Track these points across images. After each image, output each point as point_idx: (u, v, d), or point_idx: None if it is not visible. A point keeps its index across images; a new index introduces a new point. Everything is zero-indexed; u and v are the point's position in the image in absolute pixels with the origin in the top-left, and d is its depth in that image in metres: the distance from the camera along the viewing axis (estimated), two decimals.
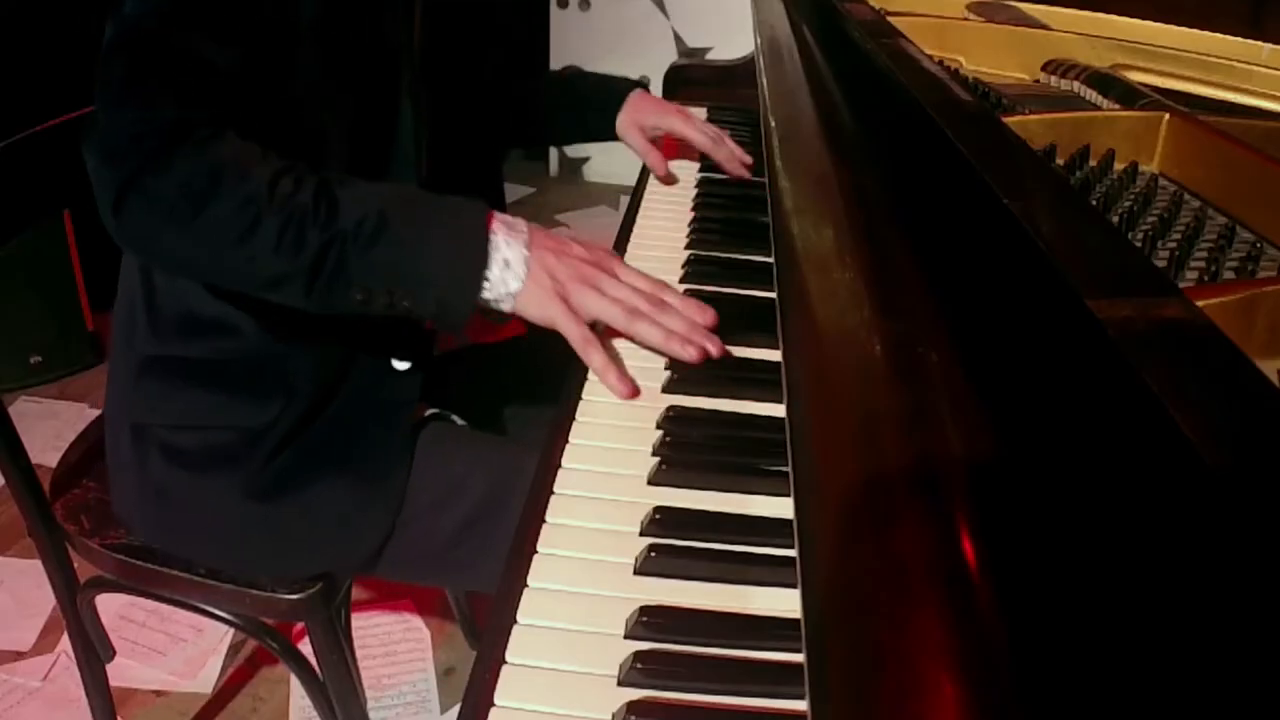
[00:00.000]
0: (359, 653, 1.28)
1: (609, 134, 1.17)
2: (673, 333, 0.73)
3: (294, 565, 0.88)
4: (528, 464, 0.65)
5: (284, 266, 0.70)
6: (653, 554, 0.55)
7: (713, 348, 0.73)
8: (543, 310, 0.73)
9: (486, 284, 0.72)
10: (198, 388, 0.84)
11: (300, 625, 1.25)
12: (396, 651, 1.46)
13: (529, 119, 1.23)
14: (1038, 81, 1.13)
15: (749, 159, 1.11)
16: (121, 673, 1.36)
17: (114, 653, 1.11)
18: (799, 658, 0.39)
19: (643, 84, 1.19)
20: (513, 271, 0.72)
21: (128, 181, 0.68)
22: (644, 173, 1.17)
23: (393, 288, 0.71)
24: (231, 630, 1.41)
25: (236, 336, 0.83)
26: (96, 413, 1.09)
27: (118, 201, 0.69)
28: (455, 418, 0.96)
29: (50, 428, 1.78)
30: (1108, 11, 1.20)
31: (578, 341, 0.72)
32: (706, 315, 0.75)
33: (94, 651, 1.08)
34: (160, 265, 0.82)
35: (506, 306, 0.73)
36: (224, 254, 0.71)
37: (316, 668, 0.95)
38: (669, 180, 1.14)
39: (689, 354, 0.72)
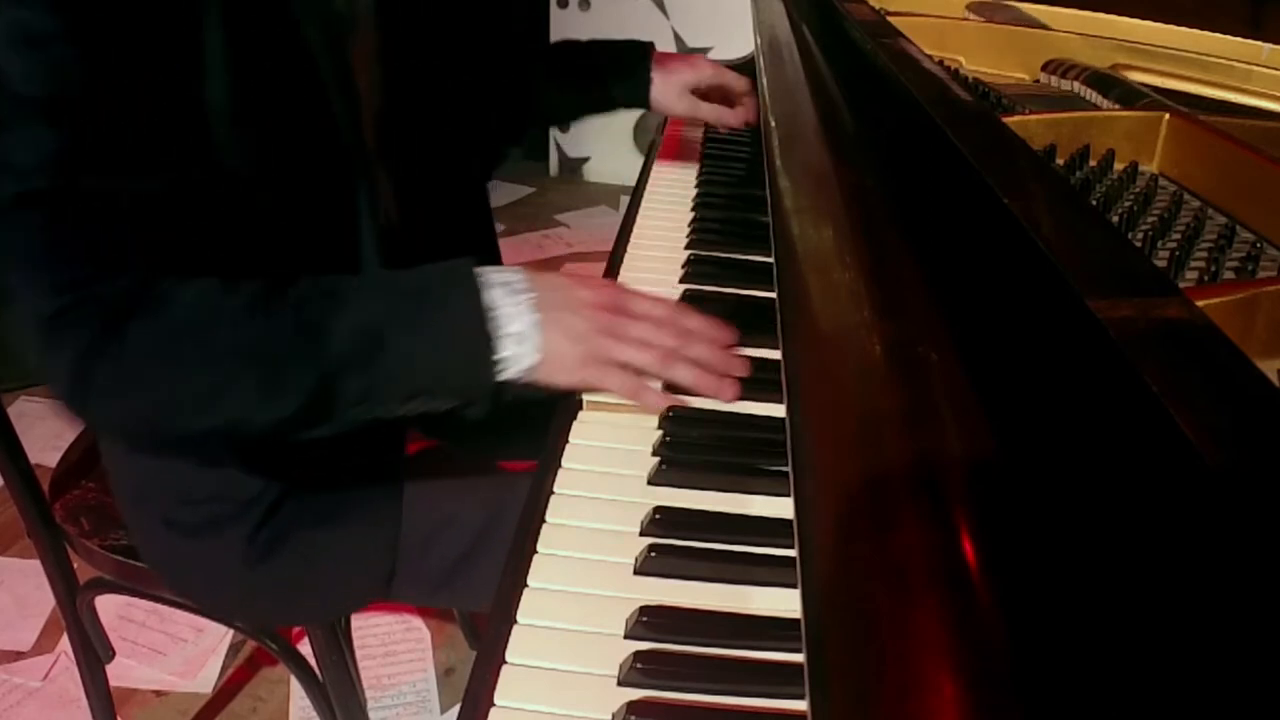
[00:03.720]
0: (359, 653, 1.28)
1: (641, 101, 1.11)
2: (706, 370, 0.69)
3: (298, 615, 0.88)
4: (521, 490, 0.63)
5: (277, 414, 0.64)
6: (653, 554, 0.55)
7: (740, 372, 0.70)
8: (572, 377, 0.67)
9: (503, 366, 0.65)
10: (190, 467, 0.81)
11: (299, 626, 1.25)
12: (396, 651, 1.46)
13: (524, 111, 1.16)
14: (1038, 81, 1.13)
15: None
16: (121, 673, 1.36)
17: (114, 653, 1.11)
18: (799, 658, 0.39)
19: (650, 44, 1.15)
20: (528, 344, 0.66)
21: (78, 362, 0.61)
22: (644, 173, 1.17)
23: (404, 400, 0.66)
24: (231, 630, 1.41)
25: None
26: None
27: (73, 386, 0.62)
28: (446, 444, 0.94)
29: (50, 428, 1.78)
30: (1108, 11, 1.20)
31: (628, 394, 0.68)
32: (725, 333, 0.72)
33: (94, 651, 1.08)
34: (143, 442, 0.78)
35: (532, 379, 0.67)
36: (205, 418, 0.64)
37: (316, 668, 0.95)
38: (742, 126, 1.16)
39: (726, 394, 0.69)
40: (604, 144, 3.29)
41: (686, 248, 0.95)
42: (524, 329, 0.66)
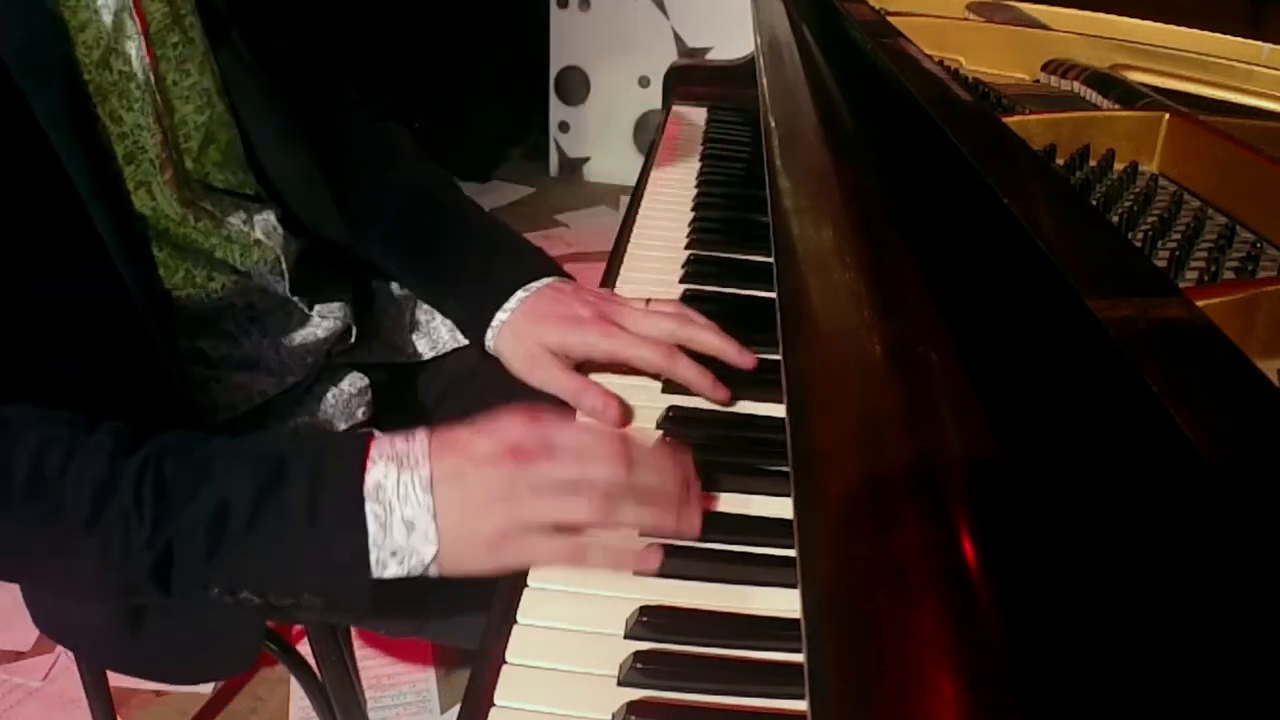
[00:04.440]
0: (359, 653, 1.28)
1: (473, 342, 0.79)
2: (662, 504, 0.56)
3: (169, 675, 0.84)
4: None
5: (122, 581, 0.55)
6: None
7: (695, 519, 0.57)
8: (484, 564, 0.55)
9: (393, 561, 0.54)
10: None
11: (300, 625, 1.25)
12: (396, 652, 1.46)
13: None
14: (1038, 81, 1.13)
15: (746, 360, 0.71)
16: None
17: None
18: (799, 658, 0.39)
19: (562, 272, 0.80)
20: (419, 533, 0.54)
21: None
22: (644, 173, 1.17)
23: (262, 592, 0.56)
24: None
25: None
26: None
27: None
28: None
29: None
30: (1108, 11, 1.20)
31: (564, 564, 0.55)
32: (677, 459, 0.58)
33: None
34: None
35: (434, 573, 0.55)
36: (36, 574, 0.58)
37: (316, 668, 0.95)
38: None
39: (688, 529, 0.56)
40: (604, 144, 3.29)
41: (686, 248, 0.95)
42: (415, 514, 0.54)
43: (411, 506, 0.54)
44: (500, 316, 0.75)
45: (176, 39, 0.73)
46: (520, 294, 0.76)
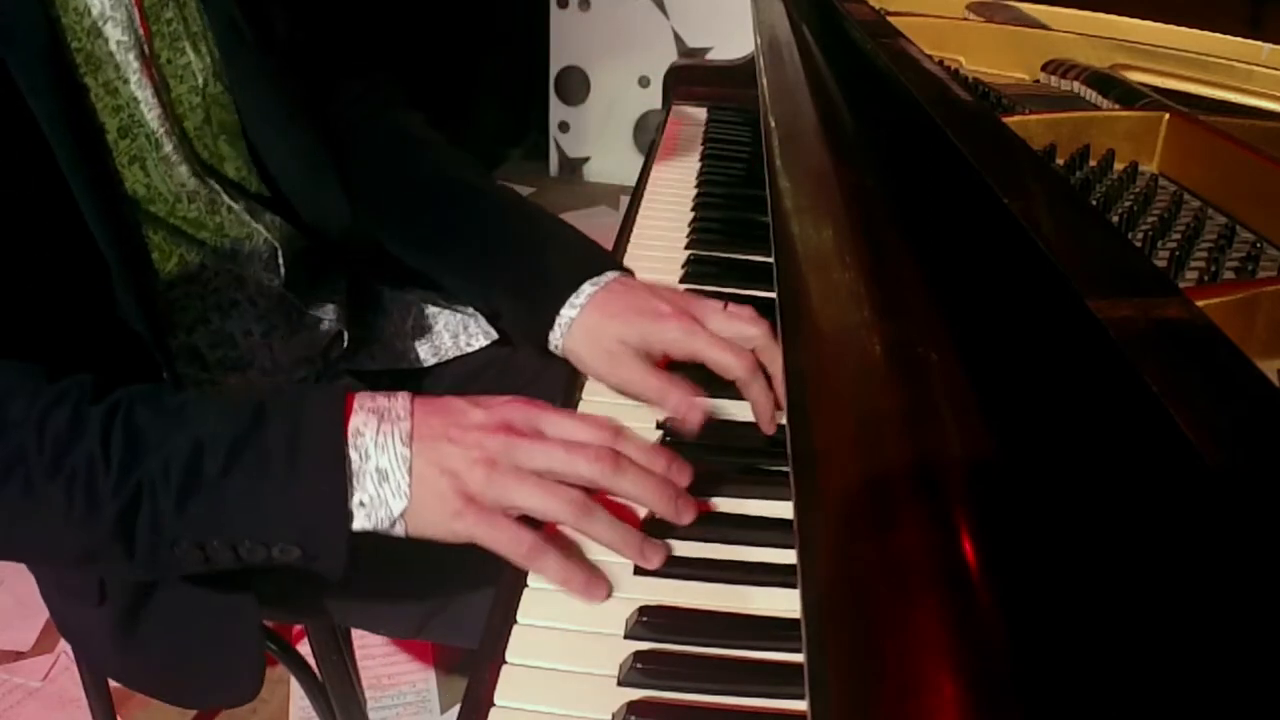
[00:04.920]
0: (359, 653, 1.28)
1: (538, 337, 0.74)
2: (624, 532, 0.54)
3: (168, 694, 0.81)
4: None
5: (84, 537, 0.52)
6: None
7: (687, 512, 0.56)
8: (449, 528, 0.53)
9: (361, 512, 0.52)
10: None
11: (300, 626, 1.25)
12: (396, 651, 1.46)
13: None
14: (1038, 81, 1.13)
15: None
16: None
17: None
18: (799, 658, 0.39)
19: (621, 266, 0.76)
20: (392, 484, 0.52)
21: None
22: (644, 173, 1.17)
23: (234, 543, 0.53)
24: None
25: None
26: None
27: None
28: None
29: None
30: (1108, 11, 1.20)
31: (518, 557, 0.53)
32: (676, 467, 0.57)
33: None
34: None
35: (399, 532, 0.54)
36: (10, 541, 0.56)
37: (316, 668, 0.95)
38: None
39: (649, 561, 0.54)
40: (604, 144, 3.29)
41: (686, 248, 0.95)
42: (390, 464, 0.52)
43: (388, 457, 0.52)
44: (568, 314, 0.70)
45: (171, 15, 0.71)
46: (588, 288, 0.71)
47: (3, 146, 0.59)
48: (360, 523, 0.53)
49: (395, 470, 0.52)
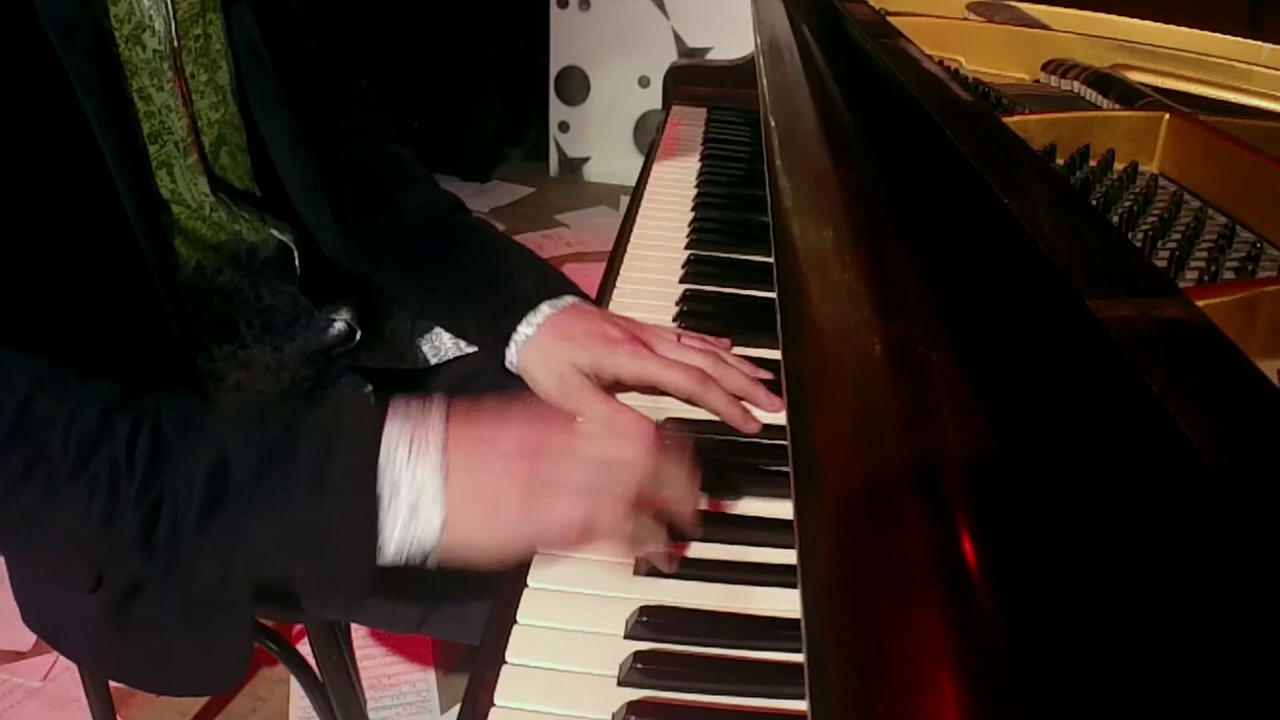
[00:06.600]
0: (359, 653, 1.28)
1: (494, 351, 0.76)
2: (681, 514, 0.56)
3: (156, 685, 0.82)
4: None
5: (102, 540, 0.52)
6: None
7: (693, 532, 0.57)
8: (491, 551, 0.53)
9: (390, 548, 0.52)
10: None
11: (300, 625, 1.25)
12: (396, 651, 1.46)
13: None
14: (1038, 81, 1.13)
15: (774, 404, 0.69)
16: None
17: None
18: (799, 658, 0.39)
19: (580, 292, 0.77)
20: (422, 519, 0.52)
21: None
22: (644, 173, 1.17)
23: (253, 569, 0.54)
24: None
25: None
26: None
27: None
28: None
29: None
30: (1108, 11, 1.20)
31: (587, 546, 0.54)
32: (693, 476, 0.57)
33: None
34: None
35: (433, 562, 0.53)
36: (20, 532, 0.56)
37: (316, 668, 0.95)
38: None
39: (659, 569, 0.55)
40: (604, 144, 3.29)
41: (686, 248, 0.95)
42: (422, 499, 0.52)
43: (419, 490, 0.52)
44: (524, 330, 0.72)
45: (199, 31, 0.73)
46: (545, 309, 0.73)
47: (58, 145, 0.61)
48: (391, 558, 0.53)
49: (429, 506, 0.52)
